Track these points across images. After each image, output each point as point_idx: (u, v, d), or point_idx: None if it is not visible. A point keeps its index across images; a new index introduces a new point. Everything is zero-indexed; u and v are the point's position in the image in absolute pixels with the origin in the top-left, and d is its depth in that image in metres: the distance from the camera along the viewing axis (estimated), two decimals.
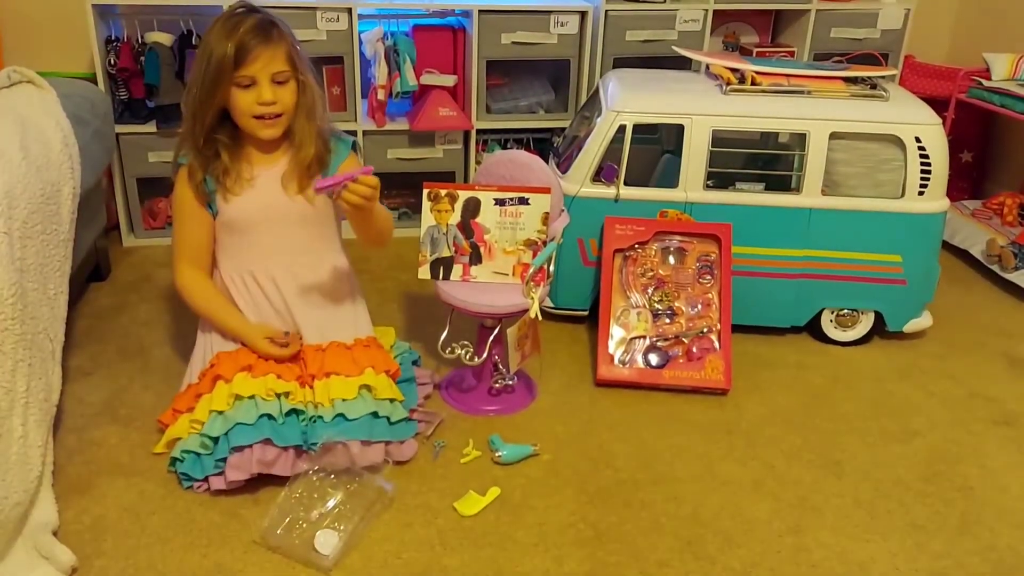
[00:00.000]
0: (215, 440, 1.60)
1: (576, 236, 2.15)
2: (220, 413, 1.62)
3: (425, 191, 1.86)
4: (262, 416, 1.60)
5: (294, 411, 1.65)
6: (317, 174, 1.77)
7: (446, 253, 1.87)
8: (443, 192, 1.85)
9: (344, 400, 1.66)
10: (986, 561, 1.55)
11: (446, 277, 1.87)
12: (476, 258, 1.87)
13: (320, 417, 1.65)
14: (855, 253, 2.15)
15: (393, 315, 2.30)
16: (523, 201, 1.85)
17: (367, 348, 1.78)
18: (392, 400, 1.72)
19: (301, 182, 1.77)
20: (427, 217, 1.86)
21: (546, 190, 1.85)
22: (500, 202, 1.85)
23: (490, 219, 1.86)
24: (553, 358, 2.11)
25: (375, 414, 1.68)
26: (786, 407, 1.98)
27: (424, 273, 1.88)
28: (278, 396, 1.64)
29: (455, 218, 1.86)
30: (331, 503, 1.56)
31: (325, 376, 1.70)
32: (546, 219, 1.85)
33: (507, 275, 1.86)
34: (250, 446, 1.58)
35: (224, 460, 1.59)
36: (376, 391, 1.70)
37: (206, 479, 1.61)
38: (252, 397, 1.62)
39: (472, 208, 1.86)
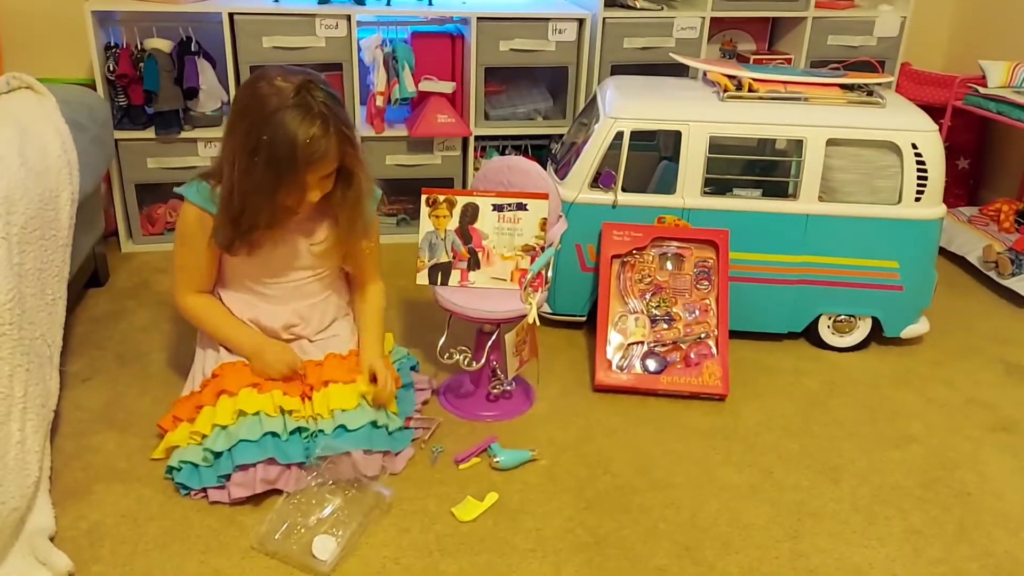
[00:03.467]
0: (217, 454, 1.59)
1: (574, 242, 2.15)
2: (224, 428, 1.61)
3: (423, 197, 1.86)
4: (266, 434, 1.60)
5: (298, 428, 1.64)
6: None
7: (444, 259, 1.87)
8: (441, 198, 1.86)
9: (343, 411, 1.66)
10: (984, 567, 1.55)
11: (444, 283, 1.87)
12: (474, 264, 1.87)
13: (321, 431, 1.64)
14: (852, 259, 2.15)
15: (391, 321, 2.30)
16: (521, 207, 1.85)
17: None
18: (386, 412, 1.73)
19: (335, 249, 1.76)
20: (425, 223, 1.87)
21: (544, 196, 1.85)
22: (498, 208, 1.85)
23: (488, 225, 1.86)
24: (551, 364, 2.11)
25: (374, 423, 1.68)
26: (783, 413, 1.98)
27: (422, 279, 1.88)
28: (283, 413, 1.64)
29: (453, 224, 1.86)
30: (329, 509, 1.56)
31: (323, 385, 1.69)
32: (544, 224, 1.85)
33: (505, 280, 1.87)
34: (254, 465, 1.58)
35: (226, 476, 1.59)
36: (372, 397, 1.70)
37: (203, 490, 1.61)
38: (257, 413, 1.61)
39: (470, 214, 1.86)
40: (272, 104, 1.54)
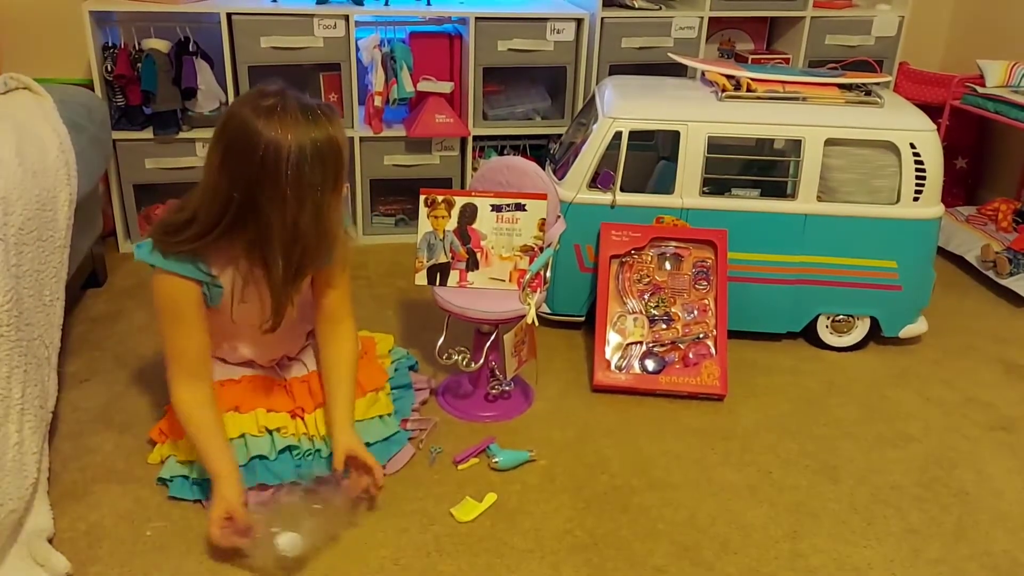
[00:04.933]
0: (206, 479, 1.58)
1: (573, 242, 2.15)
2: None
3: (422, 197, 1.86)
4: (253, 457, 1.59)
5: (288, 447, 1.63)
6: None
7: (443, 259, 1.87)
8: (440, 198, 1.86)
9: None
10: (982, 566, 1.55)
11: (443, 283, 1.87)
12: (473, 264, 1.87)
13: (318, 451, 1.64)
14: (850, 259, 2.15)
15: (390, 321, 2.30)
16: (519, 207, 1.85)
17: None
18: (382, 416, 1.73)
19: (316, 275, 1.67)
20: (424, 223, 1.87)
21: (542, 196, 1.85)
22: (497, 208, 1.85)
23: (487, 225, 1.86)
24: (550, 364, 2.11)
25: (368, 444, 1.67)
26: (782, 413, 1.98)
27: (421, 279, 1.88)
28: (269, 432, 1.63)
29: (452, 224, 1.86)
30: (294, 531, 1.46)
31: (317, 407, 1.68)
32: (542, 225, 1.85)
33: (504, 281, 1.87)
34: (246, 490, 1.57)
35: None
36: (361, 415, 1.70)
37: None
38: (241, 436, 1.60)
39: (469, 214, 1.86)
40: (288, 129, 1.42)
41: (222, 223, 1.47)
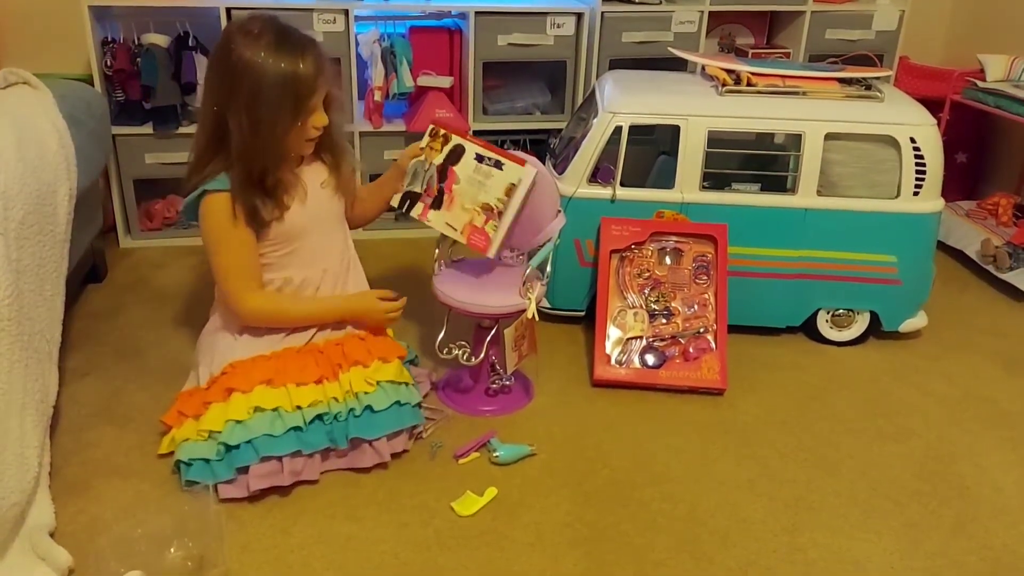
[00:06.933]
0: (229, 448, 1.59)
1: (573, 237, 2.15)
2: (239, 422, 1.60)
3: (430, 127, 1.85)
4: (289, 429, 1.61)
5: (318, 416, 1.64)
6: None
7: (418, 189, 1.85)
8: (442, 132, 1.83)
9: (368, 393, 1.68)
10: (982, 560, 1.55)
11: (408, 211, 1.85)
12: (438, 203, 1.83)
13: (352, 410, 1.66)
14: (850, 253, 2.16)
15: None
16: (498, 165, 1.79)
17: (379, 335, 1.81)
18: (407, 384, 1.75)
19: (338, 182, 1.83)
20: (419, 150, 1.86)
21: (521, 161, 1.77)
22: (479, 159, 1.80)
23: (465, 171, 1.81)
24: (550, 359, 2.11)
25: (398, 403, 1.70)
26: (782, 407, 1.99)
27: (395, 200, 1.87)
28: (299, 408, 1.64)
29: (439, 160, 1.83)
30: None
31: (353, 365, 1.71)
32: (510, 191, 1.76)
33: (455, 231, 1.81)
34: (279, 458, 1.59)
35: (242, 469, 1.58)
36: (393, 376, 1.73)
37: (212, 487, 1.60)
38: (276, 409, 1.62)
39: (456, 155, 1.82)
40: (255, 38, 1.60)
41: (212, 135, 1.65)
